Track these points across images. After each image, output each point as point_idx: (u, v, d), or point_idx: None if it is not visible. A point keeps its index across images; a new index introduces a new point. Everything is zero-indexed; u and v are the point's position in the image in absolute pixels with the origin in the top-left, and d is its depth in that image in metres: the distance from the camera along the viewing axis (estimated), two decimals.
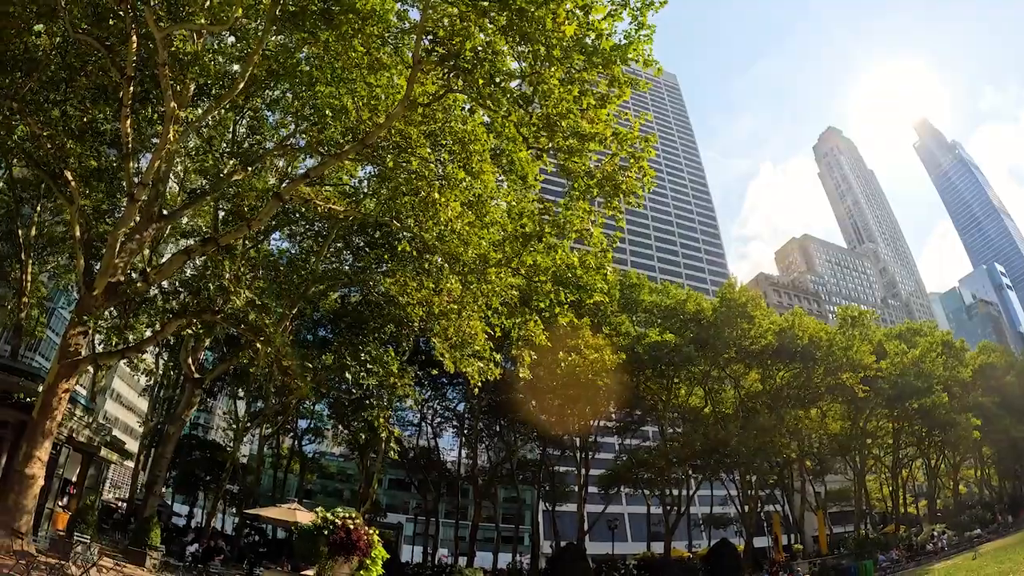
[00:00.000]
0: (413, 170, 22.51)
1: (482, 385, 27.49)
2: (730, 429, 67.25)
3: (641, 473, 74.94)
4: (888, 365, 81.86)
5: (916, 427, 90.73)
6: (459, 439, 74.90)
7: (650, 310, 70.49)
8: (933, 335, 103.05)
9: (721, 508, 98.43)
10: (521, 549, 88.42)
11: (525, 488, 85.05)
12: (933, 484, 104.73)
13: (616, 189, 21.06)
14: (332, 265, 35.47)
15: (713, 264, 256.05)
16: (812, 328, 75.51)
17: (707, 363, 69.06)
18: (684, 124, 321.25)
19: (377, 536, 22.01)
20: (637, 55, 18.94)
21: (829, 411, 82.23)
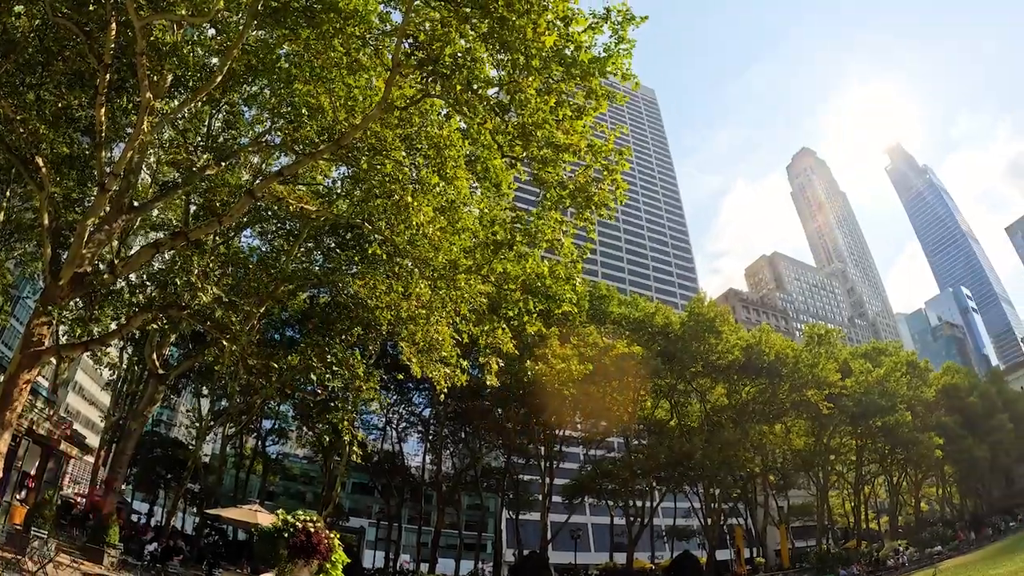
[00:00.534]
0: (387, 173, 22.45)
1: (448, 391, 27.40)
2: (695, 442, 67.76)
3: (605, 484, 75.10)
4: (853, 383, 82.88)
5: (879, 444, 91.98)
6: (424, 444, 74.73)
7: (619, 322, 70.80)
8: (898, 355, 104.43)
9: (684, 520, 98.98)
10: (484, 556, 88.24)
11: (489, 496, 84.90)
12: (895, 501, 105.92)
13: (588, 201, 21.09)
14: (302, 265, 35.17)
15: (683, 278, 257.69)
16: (779, 345, 76.31)
17: (674, 376, 69.57)
18: (660, 138, 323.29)
19: (338, 540, 21.82)
20: (616, 68, 19.02)
21: (793, 427, 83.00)
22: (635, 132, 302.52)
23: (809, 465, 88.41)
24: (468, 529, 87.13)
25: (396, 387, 63.60)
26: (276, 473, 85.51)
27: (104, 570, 29.88)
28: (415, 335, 25.83)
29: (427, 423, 71.35)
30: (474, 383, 43.82)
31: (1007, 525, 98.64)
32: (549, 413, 63.51)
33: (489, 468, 79.60)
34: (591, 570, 75.98)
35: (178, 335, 40.91)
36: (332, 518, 61.26)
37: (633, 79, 19.58)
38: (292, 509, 22.28)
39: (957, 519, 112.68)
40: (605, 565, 79.19)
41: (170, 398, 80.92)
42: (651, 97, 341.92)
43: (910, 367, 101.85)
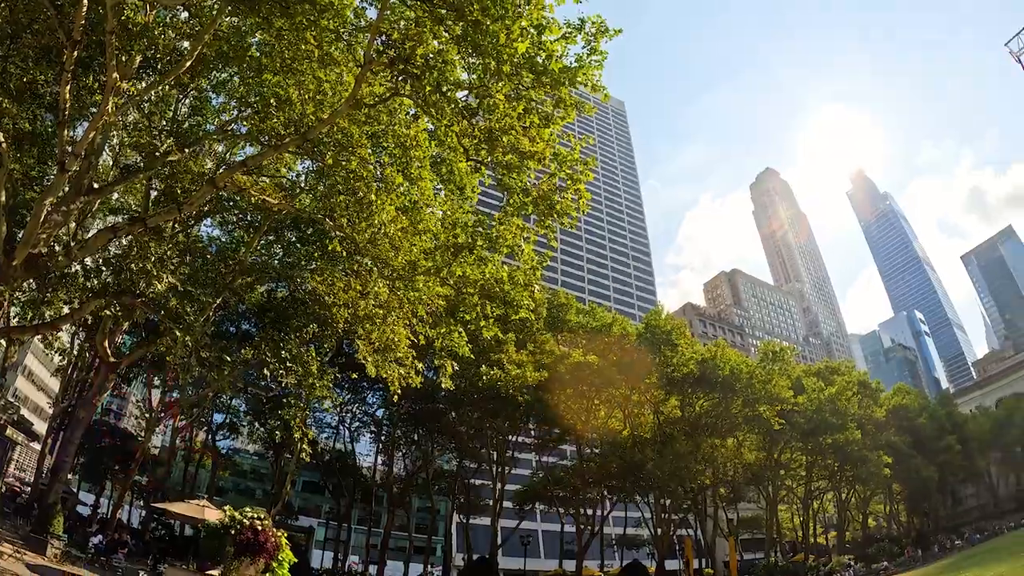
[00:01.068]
0: (352, 170, 22.23)
1: (402, 392, 27.30)
2: (647, 453, 67.92)
3: (557, 491, 75.08)
4: (805, 400, 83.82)
5: (829, 461, 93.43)
6: (376, 445, 74.00)
7: (576, 330, 70.86)
8: (850, 374, 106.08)
9: (634, 529, 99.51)
10: (433, 560, 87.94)
11: (440, 499, 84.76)
12: (843, 516, 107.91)
13: (551, 209, 21.08)
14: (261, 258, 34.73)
15: (642, 290, 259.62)
16: (734, 360, 76.97)
17: (628, 387, 69.65)
18: (627, 150, 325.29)
19: (285, 539, 21.61)
20: (586, 79, 19.11)
21: (745, 441, 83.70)
22: (602, 142, 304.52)
23: (759, 479, 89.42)
24: (418, 532, 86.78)
25: (350, 386, 63.12)
26: (226, 468, 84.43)
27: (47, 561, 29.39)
28: (371, 334, 25.83)
29: (380, 424, 70.83)
30: (429, 385, 43.72)
31: (953, 543, 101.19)
32: (503, 418, 63.62)
33: (441, 471, 79.45)
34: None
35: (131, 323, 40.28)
36: (281, 516, 60.77)
37: (603, 90, 19.69)
38: (241, 506, 22.05)
39: (904, 536, 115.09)
40: (554, 572, 79.38)
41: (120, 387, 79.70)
42: (620, 109, 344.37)
43: (862, 387, 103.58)
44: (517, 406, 59.34)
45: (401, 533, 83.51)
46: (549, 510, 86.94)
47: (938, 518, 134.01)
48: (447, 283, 24.92)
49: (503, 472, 69.33)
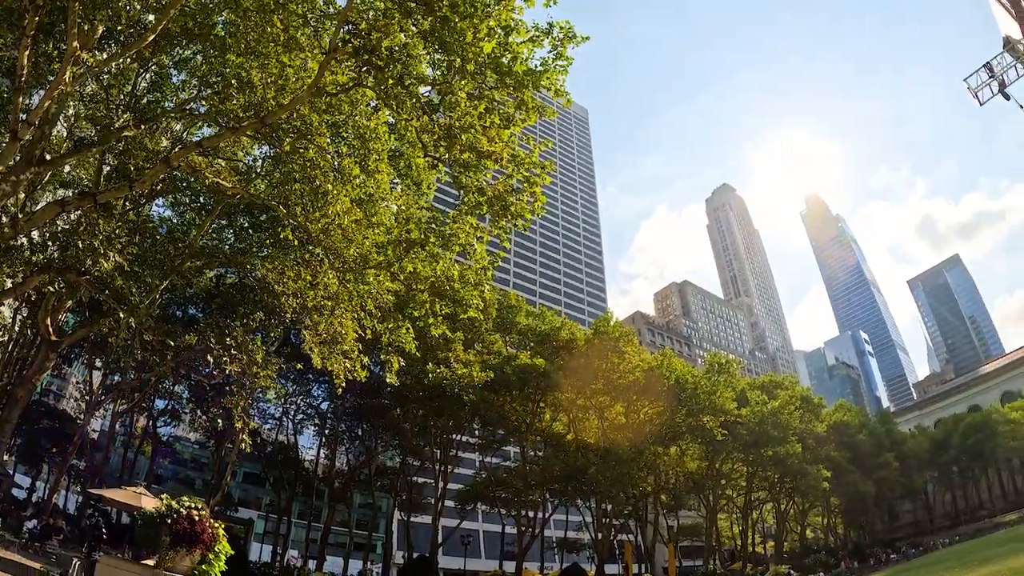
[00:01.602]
0: (309, 158, 22.04)
1: (347, 386, 27.16)
2: (590, 458, 68.22)
3: (499, 492, 75.13)
4: (748, 413, 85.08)
5: (769, 473, 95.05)
6: (319, 439, 73.23)
7: (525, 333, 71.31)
8: (794, 389, 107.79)
9: (575, 533, 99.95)
10: (373, 557, 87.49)
11: (382, 496, 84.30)
12: (781, 527, 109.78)
13: (505, 210, 21.14)
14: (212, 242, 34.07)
15: (593, 296, 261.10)
16: (680, 370, 77.89)
17: (574, 392, 69.96)
18: (587, 157, 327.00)
19: (223, 530, 21.35)
20: (550, 83, 19.16)
21: (688, 450, 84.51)
22: (562, 147, 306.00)
23: (700, 488, 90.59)
24: (359, 528, 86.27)
25: (295, 377, 62.22)
26: (166, 456, 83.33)
27: None
28: (319, 326, 25.66)
29: (324, 417, 70.09)
30: (374, 380, 43.68)
31: (888, 557, 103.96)
32: (447, 417, 63.56)
33: (384, 467, 79.01)
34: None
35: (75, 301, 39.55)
36: (220, 508, 60.03)
37: (566, 96, 19.70)
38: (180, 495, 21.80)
39: (841, 548, 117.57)
40: (494, 573, 79.38)
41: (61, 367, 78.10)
42: (583, 115, 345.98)
43: (804, 402, 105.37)
44: (462, 405, 59.39)
45: (341, 529, 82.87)
46: (491, 511, 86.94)
47: (874, 532, 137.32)
48: (397, 278, 24.82)
49: (446, 471, 69.06)
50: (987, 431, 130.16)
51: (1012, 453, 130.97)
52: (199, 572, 19.86)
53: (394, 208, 25.67)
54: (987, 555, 59.15)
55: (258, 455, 68.08)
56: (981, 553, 63.44)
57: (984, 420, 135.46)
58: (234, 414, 31.94)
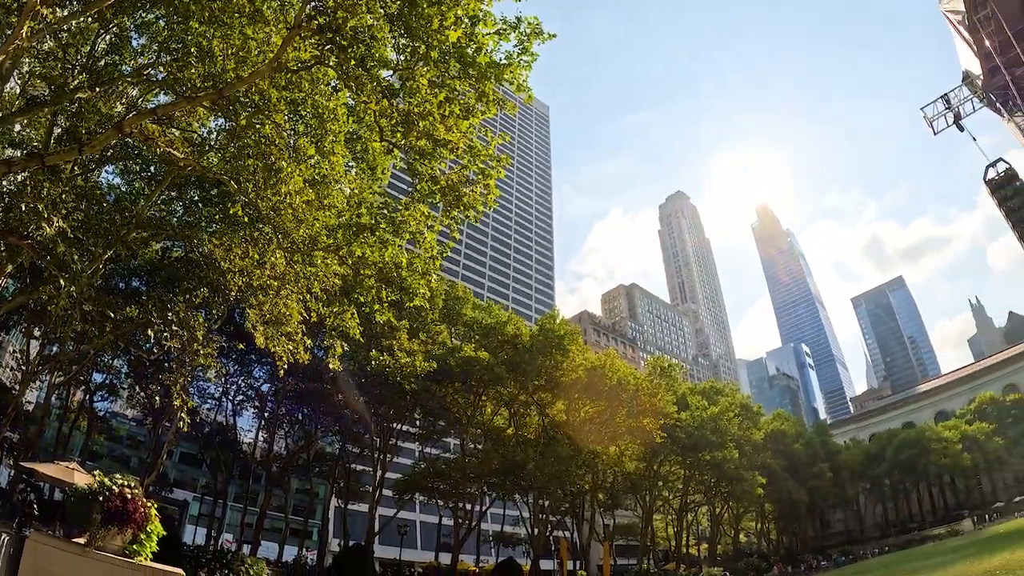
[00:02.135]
0: (265, 134, 21.69)
1: (289, 368, 26.99)
2: (529, 453, 68.60)
3: (437, 483, 74.87)
4: (688, 417, 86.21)
5: (706, 477, 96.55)
6: (259, 421, 71.85)
7: (470, 325, 71.37)
8: (734, 397, 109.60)
9: (512, 528, 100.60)
10: (308, 544, 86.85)
11: (319, 482, 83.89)
12: (716, 530, 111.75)
13: (458, 200, 21.18)
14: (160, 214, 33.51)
15: (542, 293, 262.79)
16: (622, 371, 78.35)
17: (516, 387, 70.24)
18: (545, 154, 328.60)
19: (155, 510, 21.05)
20: (512, 78, 19.23)
21: (627, 450, 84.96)
22: (521, 143, 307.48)
23: (638, 488, 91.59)
24: (295, 514, 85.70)
25: (237, 357, 60.92)
26: (102, 432, 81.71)
27: None
28: (264, 305, 25.47)
29: (264, 399, 68.84)
30: (317, 364, 43.39)
31: (819, 563, 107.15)
32: (389, 405, 63.36)
33: (322, 453, 78.26)
34: (416, 568, 75.55)
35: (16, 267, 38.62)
36: (156, 487, 59.36)
37: (528, 91, 19.86)
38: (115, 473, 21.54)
39: (773, 553, 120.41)
40: (429, 564, 79.42)
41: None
42: (544, 113, 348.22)
43: (744, 409, 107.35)
44: (404, 394, 59.33)
45: (277, 514, 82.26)
46: (428, 501, 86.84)
47: (806, 539, 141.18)
48: (346, 262, 24.76)
49: (385, 460, 68.74)
50: (920, 447, 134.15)
51: (943, 470, 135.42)
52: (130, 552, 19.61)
53: (347, 191, 25.39)
54: (914, 567, 60.77)
55: (196, 435, 67.10)
56: (908, 564, 65.16)
57: (918, 437, 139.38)
58: (172, 392, 31.45)
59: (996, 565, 37.03)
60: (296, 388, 63.25)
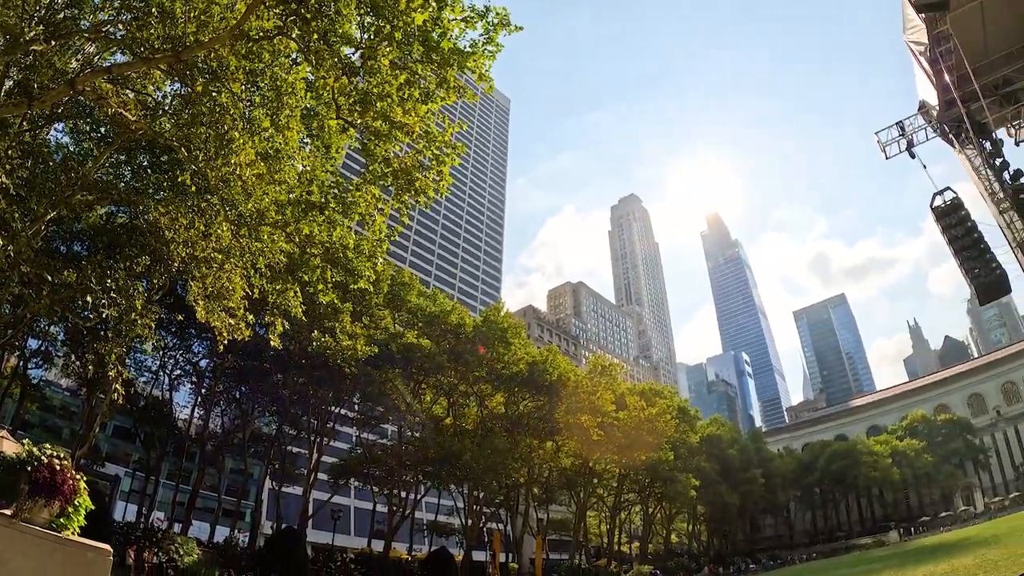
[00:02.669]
0: (221, 103, 21.27)
1: (229, 345, 26.68)
2: (466, 444, 68.70)
3: (373, 469, 74.55)
4: (626, 416, 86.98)
5: (640, 476, 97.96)
6: (195, 397, 70.36)
7: (414, 312, 71.00)
8: (672, 400, 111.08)
9: (446, 517, 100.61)
10: (241, 525, 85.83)
11: (254, 463, 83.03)
12: (648, 529, 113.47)
13: (410, 184, 21.09)
14: (108, 177, 32.94)
15: (488, 285, 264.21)
16: (563, 367, 79.11)
17: (457, 376, 70.52)
18: (502, 146, 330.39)
19: (85, 484, 20.64)
20: (476, 67, 19.16)
21: (563, 446, 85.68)
22: (480, 132, 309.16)
23: (573, 484, 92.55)
24: (229, 494, 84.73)
25: (176, 330, 59.82)
26: (35, 401, 79.95)
27: None
28: (206, 278, 25.08)
29: (202, 375, 67.52)
30: (257, 342, 43.07)
31: (748, 566, 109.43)
32: (328, 388, 62.91)
33: (258, 433, 77.31)
34: (348, 553, 75.07)
35: None
36: (87, 460, 58.26)
37: (489, 81, 19.75)
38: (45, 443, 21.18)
39: (703, 554, 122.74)
40: (362, 550, 79.00)
41: None
42: (505, 105, 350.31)
43: (681, 412, 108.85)
44: (344, 378, 58.90)
45: (211, 493, 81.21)
46: (363, 487, 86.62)
47: (736, 542, 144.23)
48: (292, 240, 24.50)
49: (321, 443, 68.48)
50: (851, 459, 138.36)
51: (872, 482, 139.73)
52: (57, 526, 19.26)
53: (299, 168, 24.99)
54: (840, 574, 62.37)
55: (130, 409, 65.45)
56: (835, 571, 66.87)
57: (849, 449, 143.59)
58: (107, 362, 30.97)
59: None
60: (235, 365, 62.46)
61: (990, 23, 33.45)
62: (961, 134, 37.50)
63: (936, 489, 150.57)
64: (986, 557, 37.78)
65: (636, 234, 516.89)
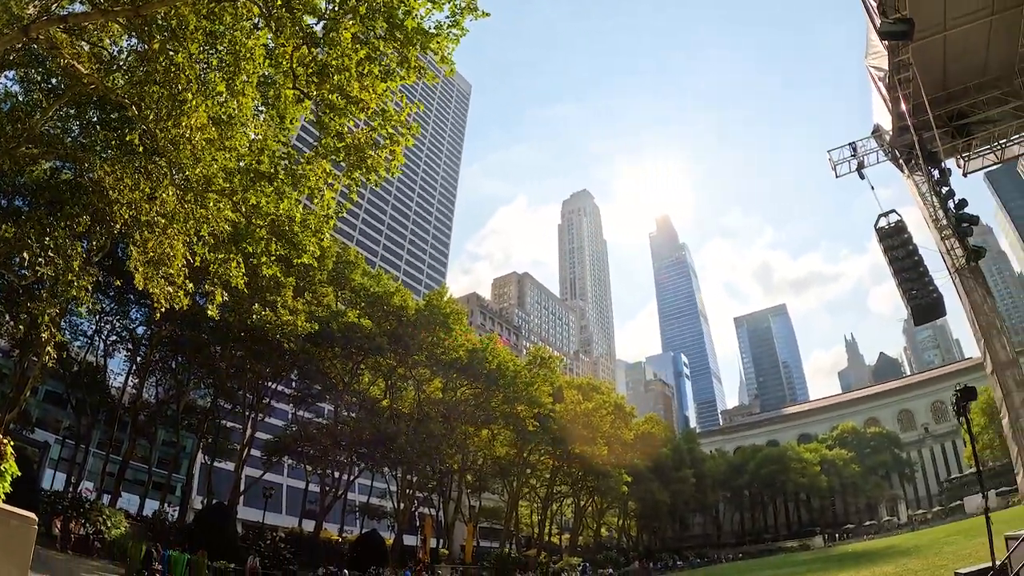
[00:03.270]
0: (177, 63, 20.56)
1: (167, 313, 26.13)
2: (402, 427, 68.91)
3: (307, 447, 74.20)
4: (562, 409, 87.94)
5: (574, 469, 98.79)
6: (131, 365, 68.80)
7: (358, 291, 70.57)
8: (609, 396, 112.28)
9: (379, 500, 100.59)
10: (171, 499, 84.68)
11: (187, 436, 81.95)
12: (579, 522, 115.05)
13: (362, 161, 21.00)
14: (55, 131, 32.30)
15: (434, 269, 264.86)
16: (503, 356, 79.54)
17: (396, 359, 70.39)
18: (459, 131, 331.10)
19: (12, 449, 20.31)
20: (438, 48, 19.11)
21: (499, 435, 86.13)
22: (438, 115, 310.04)
23: (506, 473, 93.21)
24: (160, 466, 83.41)
25: (115, 295, 59.09)
26: None
27: None
28: (148, 243, 24.40)
29: (139, 343, 66.08)
30: (197, 312, 42.60)
31: (675, 563, 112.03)
32: (266, 363, 62.23)
33: (193, 405, 75.99)
34: (279, 532, 74.52)
35: None
36: (16, 426, 57.02)
37: (451, 64, 19.76)
38: None
39: (632, 549, 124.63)
40: (292, 529, 78.61)
41: None
42: (466, 90, 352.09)
43: (617, 409, 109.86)
44: (283, 353, 58.60)
45: (141, 465, 79.73)
46: (296, 466, 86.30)
47: (665, 538, 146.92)
48: (239, 209, 24.27)
49: (256, 418, 67.61)
50: (781, 465, 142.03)
51: (800, 488, 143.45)
52: None
53: (251, 136, 24.62)
54: (765, 574, 63.70)
55: (63, 373, 64.22)
56: (760, 572, 68.42)
57: (780, 454, 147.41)
58: (41, 323, 30.36)
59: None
60: (172, 335, 61.28)
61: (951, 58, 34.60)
62: (911, 160, 38.51)
63: (862, 498, 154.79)
64: (906, 567, 39.10)
65: (585, 229, 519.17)
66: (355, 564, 60.97)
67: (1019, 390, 28.97)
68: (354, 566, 60.19)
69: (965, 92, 37.41)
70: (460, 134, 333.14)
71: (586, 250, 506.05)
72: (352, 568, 59.27)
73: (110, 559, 44.28)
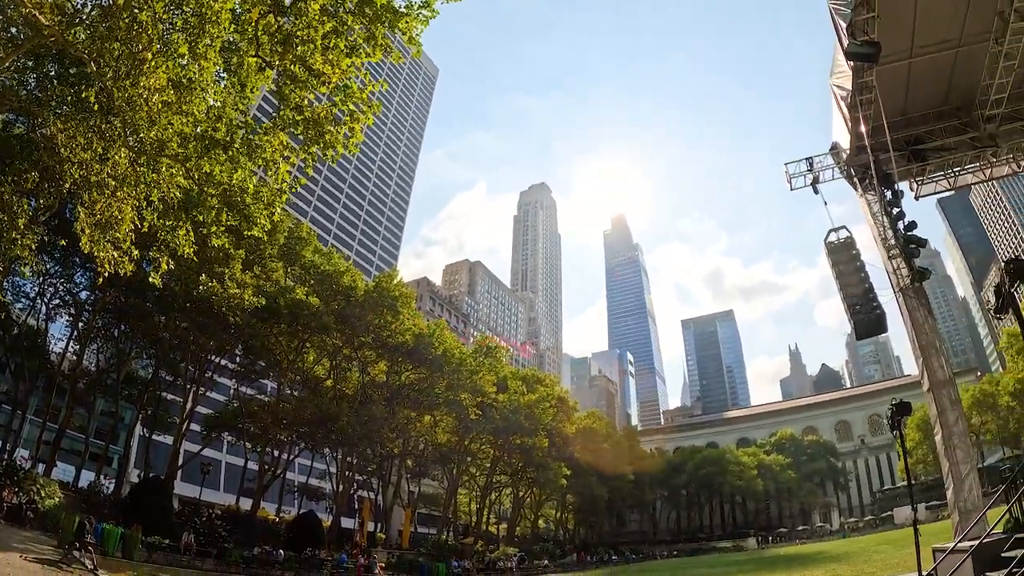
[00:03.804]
0: (140, 20, 19.86)
1: (111, 279, 25.78)
2: (344, 408, 68.60)
3: (248, 424, 73.55)
4: (506, 399, 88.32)
5: (514, 460, 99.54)
6: (72, 331, 67.61)
7: (308, 268, 70.22)
8: (553, 388, 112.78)
9: (318, 481, 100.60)
10: (107, 471, 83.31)
11: (126, 407, 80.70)
12: (517, 512, 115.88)
13: (320, 136, 20.90)
14: (11, 83, 31.68)
15: (386, 251, 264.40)
16: (450, 343, 79.77)
17: (342, 339, 70.18)
18: (422, 114, 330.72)
19: None
20: (407, 28, 19.05)
21: (441, 422, 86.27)
22: (403, 96, 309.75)
23: (446, 460, 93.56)
24: (97, 437, 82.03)
25: (60, 257, 57.10)
26: None
27: None
28: (96, 204, 23.76)
29: (82, 308, 63.78)
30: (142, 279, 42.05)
31: (611, 557, 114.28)
32: (210, 336, 61.33)
33: (133, 376, 74.45)
34: (215, 509, 73.70)
35: None
36: None
37: (418, 45, 19.55)
38: None
39: (569, 541, 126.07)
40: (229, 507, 77.90)
41: None
42: (433, 73, 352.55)
43: (560, 402, 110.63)
44: (228, 327, 57.55)
45: (78, 435, 78.21)
46: (236, 442, 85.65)
47: (602, 533, 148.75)
48: (191, 176, 23.81)
49: (197, 392, 66.79)
50: (719, 466, 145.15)
51: (737, 490, 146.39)
52: None
53: (210, 102, 24.26)
54: (698, 572, 64.95)
55: (3, 336, 63.18)
56: (694, 570, 69.54)
57: (719, 457, 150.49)
58: None
59: None
60: (116, 301, 60.12)
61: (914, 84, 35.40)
62: (865, 179, 39.19)
63: (796, 503, 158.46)
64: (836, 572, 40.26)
65: (541, 222, 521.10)
66: (291, 544, 60.58)
67: (953, 409, 29.73)
68: (290, 546, 59.83)
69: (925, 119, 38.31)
70: (423, 117, 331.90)
71: (540, 243, 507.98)
72: (288, 549, 58.92)
73: (43, 530, 43.30)
